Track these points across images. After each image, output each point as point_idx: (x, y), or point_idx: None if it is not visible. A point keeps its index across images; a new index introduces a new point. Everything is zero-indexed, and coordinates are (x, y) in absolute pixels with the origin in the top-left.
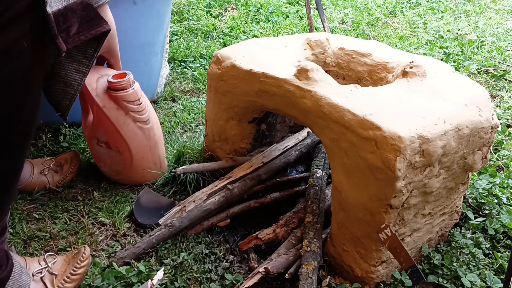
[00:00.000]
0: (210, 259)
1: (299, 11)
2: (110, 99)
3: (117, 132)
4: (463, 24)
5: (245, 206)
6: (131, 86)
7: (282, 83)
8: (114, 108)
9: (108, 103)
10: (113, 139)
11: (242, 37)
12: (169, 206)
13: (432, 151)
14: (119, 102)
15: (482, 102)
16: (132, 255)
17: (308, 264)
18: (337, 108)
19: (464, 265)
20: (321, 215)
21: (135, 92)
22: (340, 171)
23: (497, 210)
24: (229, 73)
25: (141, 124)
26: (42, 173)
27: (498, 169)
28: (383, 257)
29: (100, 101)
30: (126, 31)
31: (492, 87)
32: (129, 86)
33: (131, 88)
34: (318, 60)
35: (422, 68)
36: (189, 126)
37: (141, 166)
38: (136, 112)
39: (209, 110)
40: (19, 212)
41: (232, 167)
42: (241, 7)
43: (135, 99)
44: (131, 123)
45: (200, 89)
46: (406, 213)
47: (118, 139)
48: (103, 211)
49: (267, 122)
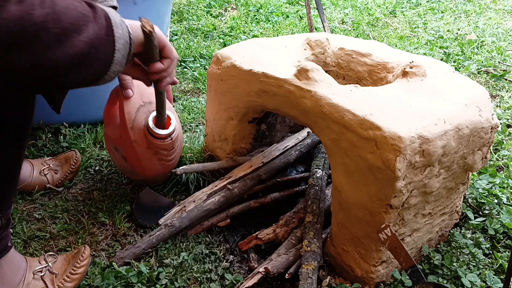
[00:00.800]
0: (210, 259)
1: (299, 11)
2: (143, 138)
3: (138, 159)
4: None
5: (245, 206)
6: (169, 136)
7: (282, 83)
8: (145, 146)
9: (140, 140)
10: (131, 160)
11: (242, 37)
12: (169, 206)
13: (432, 151)
14: (152, 146)
15: (482, 102)
16: (132, 255)
17: (308, 264)
18: (337, 108)
19: (464, 265)
20: (321, 215)
21: (171, 142)
22: (340, 171)
23: (497, 210)
24: (229, 73)
25: (163, 162)
26: (42, 173)
27: (498, 169)
28: (383, 257)
29: (133, 135)
30: None
31: (492, 87)
32: (168, 137)
33: (169, 140)
34: (318, 60)
35: (422, 68)
36: (189, 126)
37: (150, 178)
38: (164, 156)
39: (209, 110)
40: (19, 212)
41: (232, 167)
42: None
43: (169, 148)
44: (154, 160)
45: (200, 89)
46: (406, 213)
47: (136, 162)
48: (103, 211)
49: (267, 122)
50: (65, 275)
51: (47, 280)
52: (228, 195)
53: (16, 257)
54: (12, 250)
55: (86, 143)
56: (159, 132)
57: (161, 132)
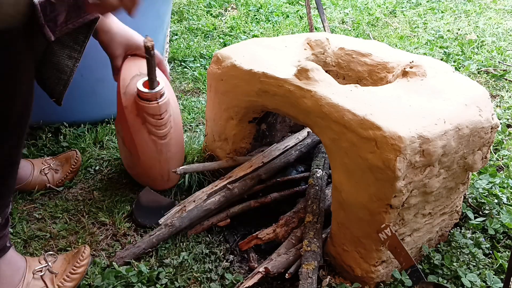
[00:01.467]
0: (210, 259)
1: (299, 11)
2: (133, 103)
3: (131, 135)
4: (463, 24)
5: (245, 206)
6: (156, 99)
7: (282, 83)
8: (134, 113)
9: (131, 106)
10: (127, 139)
11: (242, 37)
12: (169, 206)
13: (432, 151)
14: (140, 110)
15: (482, 102)
16: (132, 255)
17: (308, 264)
18: (337, 108)
19: (464, 265)
20: (321, 215)
21: (158, 106)
22: (340, 171)
23: (497, 210)
24: (229, 73)
25: (155, 138)
26: (42, 172)
27: (498, 169)
28: (383, 257)
29: (125, 100)
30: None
31: (492, 87)
32: (154, 99)
33: (155, 102)
34: (318, 60)
35: (422, 68)
36: (189, 126)
37: (146, 174)
38: (153, 126)
39: (209, 110)
40: (19, 212)
41: (232, 167)
42: (241, 7)
43: (155, 113)
44: (145, 134)
45: (200, 89)
46: (406, 213)
47: (131, 141)
48: (103, 210)
49: (267, 122)
50: (65, 275)
51: (47, 280)
52: (228, 195)
53: (16, 257)
54: (11, 250)
55: (86, 143)
56: (145, 90)
57: (147, 91)
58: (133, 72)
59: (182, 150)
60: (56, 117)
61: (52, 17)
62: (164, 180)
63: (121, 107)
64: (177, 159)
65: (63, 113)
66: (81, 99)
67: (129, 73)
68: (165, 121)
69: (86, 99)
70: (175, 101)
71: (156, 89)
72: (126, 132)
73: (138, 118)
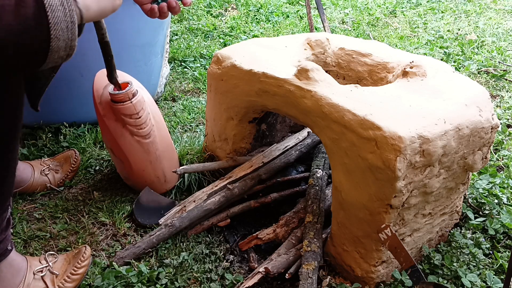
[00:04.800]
0: (210, 259)
1: (299, 11)
2: (110, 109)
3: (116, 142)
4: (463, 24)
5: (245, 206)
6: (129, 99)
7: (282, 83)
8: (113, 119)
9: (108, 112)
10: (115, 148)
11: (242, 37)
12: (169, 206)
13: (432, 151)
14: (117, 114)
15: (482, 102)
16: (132, 255)
17: (308, 264)
18: (337, 108)
19: (464, 265)
20: (321, 215)
21: (132, 106)
22: (340, 171)
23: (497, 210)
24: (229, 73)
25: (139, 138)
26: (42, 173)
27: (498, 169)
28: (383, 257)
29: (102, 109)
30: (126, 31)
31: (493, 87)
32: (127, 99)
33: (128, 101)
34: (318, 60)
35: (422, 68)
36: (189, 126)
37: (142, 178)
38: (134, 126)
39: (209, 110)
40: (19, 212)
41: (232, 167)
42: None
43: (132, 112)
44: (128, 136)
45: (200, 89)
46: (406, 213)
47: (118, 147)
48: (103, 210)
49: (267, 122)
50: (65, 275)
51: (48, 281)
52: (228, 195)
53: (16, 259)
54: (12, 253)
55: (86, 143)
56: (115, 92)
57: (117, 92)
58: (104, 82)
59: (171, 148)
60: (56, 117)
61: None
62: (161, 182)
63: (100, 117)
64: (168, 157)
65: (63, 113)
66: (81, 99)
67: (100, 84)
68: (144, 119)
69: (86, 99)
70: (151, 100)
71: (126, 89)
72: (111, 141)
73: (117, 123)
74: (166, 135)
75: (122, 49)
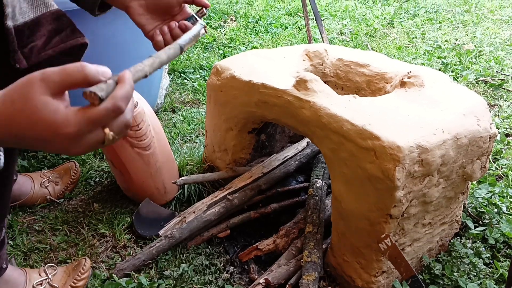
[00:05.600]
0: (210, 270)
1: (297, 22)
2: None
3: (116, 154)
4: (460, 34)
5: (245, 216)
6: None
7: (281, 94)
8: None
9: None
10: (115, 159)
11: (241, 48)
12: (169, 217)
13: (431, 160)
14: None
15: (480, 112)
16: (132, 267)
17: (308, 275)
18: (336, 118)
19: (464, 275)
20: (321, 225)
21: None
22: (340, 181)
23: (497, 220)
24: (228, 84)
25: (139, 150)
26: (42, 185)
27: (498, 178)
28: (383, 267)
29: None
30: (126, 43)
31: (490, 97)
32: None
33: None
34: (317, 70)
35: (420, 78)
36: (189, 136)
37: (142, 189)
38: (134, 138)
39: (209, 121)
40: (19, 224)
41: (232, 178)
42: (240, 18)
43: (132, 124)
44: (128, 148)
45: (200, 100)
46: (406, 222)
47: (118, 160)
48: (103, 222)
49: (267, 132)
50: None
51: None
52: (228, 205)
53: (13, 275)
54: (8, 270)
55: (86, 154)
56: None
57: None
58: None
59: (171, 160)
60: None
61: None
62: (161, 193)
63: None
64: (168, 169)
65: None
66: None
67: None
68: (144, 131)
69: None
70: (151, 111)
71: None
72: (111, 152)
73: None
74: (166, 146)
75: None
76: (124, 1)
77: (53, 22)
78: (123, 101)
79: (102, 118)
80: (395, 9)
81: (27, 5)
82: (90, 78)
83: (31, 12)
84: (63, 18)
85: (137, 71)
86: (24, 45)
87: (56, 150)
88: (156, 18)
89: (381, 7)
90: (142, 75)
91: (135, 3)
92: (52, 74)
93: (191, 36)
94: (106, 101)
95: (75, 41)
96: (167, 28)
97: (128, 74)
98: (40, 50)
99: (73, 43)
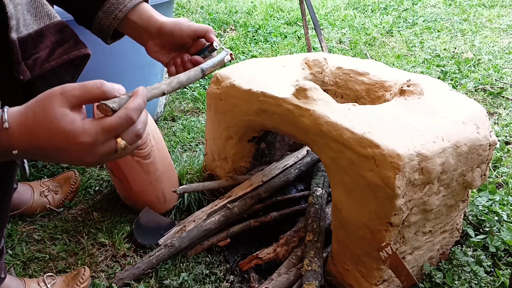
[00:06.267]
0: (210, 279)
1: (297, 32)
2: None
3: (116, 162)
4: (459, 43)
5: (245, 225)
6: None
7: (281, 102)
8: None
9: None
10: (114, 168)
11: (241, 57)
12: (169, 226)
13: (431, 168)
14: None
15: (480, 120)
16: (131, 276)
17: (309, 283)
18: (335, 127)
19: (465, 283)
20: (321, 234)
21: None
22: (340, 189)
23: (497, 227)
24: (228, 92)
25: (139, 159)
26: (42, 194)
27: (498, 186)
28: (384, 276)
29: None
30: (126, 52)
31: (490, 105)
32: None
33: None
34: (316, 79)
35: (420, 87)
36: (189, 145)
37: (142, 198)
38: None
39: (209, 129)
40: (18, 233)
41: (232, 186)
42: (240, 28)
43: None
44: (128, 156)
45: (200, 109)
46: (406, 231)
47: (118, 168)
48: (102, 231)
49: (267, 141)
50: None
51: None
52: (228, 214)
53: (12, 285)
54: (7, 279)
55: None
56: None
57: None
58: None
59: (171, 168)
60: None
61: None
62: (161, 202)
63: None
64: (168, 177)
65: None
66: None
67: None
68: (144, 139)
69: None
70: (151, 120)
71: None
72: (111, 161)
73: None
74: (166, 155)
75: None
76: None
77: (56, 33)
78: (135, 112)
79: (115, 127)
80: (394, 18)
81: (31, 17)
82: (108, 94)
83: (35, 24)
84: (66, 29)
85: (153, 88)
86: (28, 57)
87: (73, 160)
88: (172, 52)
89: (380, 16)
90: (158, 92)
91: (151, 42)
92: (72, 89)
93: (216, 61)
94: (118, 111)
95: (78, 52)
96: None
97: (142, 89)
98: (43, 61)
99: (76, 54)
